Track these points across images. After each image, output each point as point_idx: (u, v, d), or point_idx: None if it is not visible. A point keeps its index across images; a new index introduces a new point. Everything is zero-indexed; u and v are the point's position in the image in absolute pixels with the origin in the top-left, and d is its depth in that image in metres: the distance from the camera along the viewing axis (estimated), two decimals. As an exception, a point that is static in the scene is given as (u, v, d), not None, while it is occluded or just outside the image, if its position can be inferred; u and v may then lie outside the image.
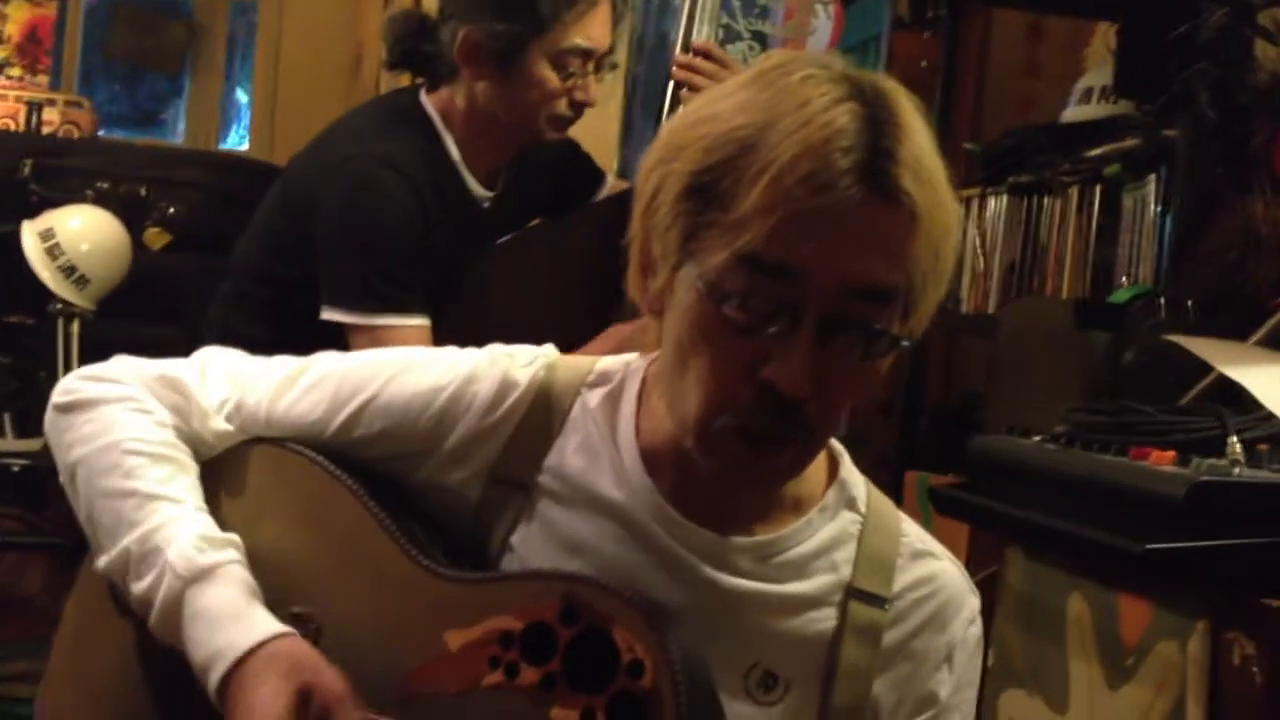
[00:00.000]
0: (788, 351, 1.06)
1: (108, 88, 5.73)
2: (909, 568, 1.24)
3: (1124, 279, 2.42)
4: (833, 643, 1.20)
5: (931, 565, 1.25)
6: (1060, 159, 2.68)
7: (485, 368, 1.24)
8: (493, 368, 1.24)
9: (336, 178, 2.23)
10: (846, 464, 1.26)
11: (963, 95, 3.44)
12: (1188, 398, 1.83)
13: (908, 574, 1.23)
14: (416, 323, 2.21)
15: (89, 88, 5.31)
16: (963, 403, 3.10)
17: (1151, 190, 2.38)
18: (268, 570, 1.20)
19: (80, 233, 3.82)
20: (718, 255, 1.07)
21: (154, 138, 5.65)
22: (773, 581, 1.19)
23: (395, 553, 1.18)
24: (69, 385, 1.30)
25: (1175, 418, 1.67)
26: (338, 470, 1.23)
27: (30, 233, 3.79)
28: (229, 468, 1.28)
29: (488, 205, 2.37)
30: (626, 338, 2.06)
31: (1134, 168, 2.44)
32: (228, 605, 1.16)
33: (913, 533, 1.26)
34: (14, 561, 3.60)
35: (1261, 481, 1.52)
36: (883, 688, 1.21)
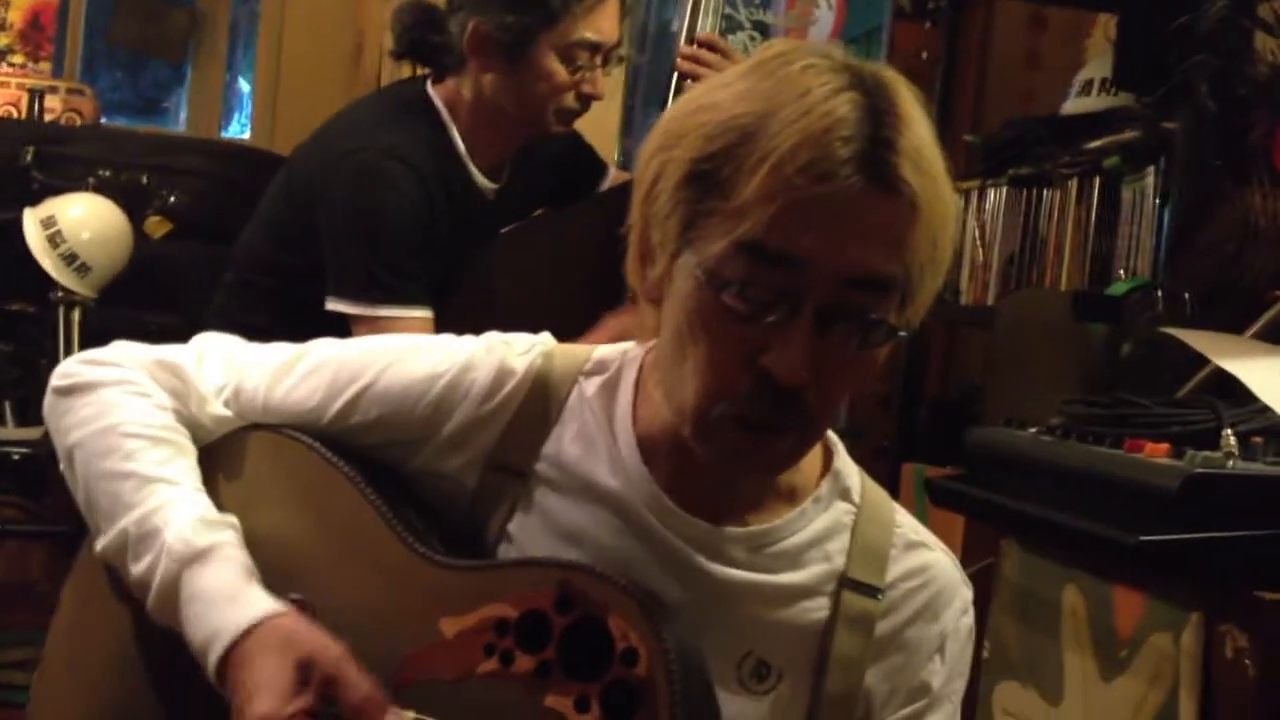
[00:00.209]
0: (786, 340, 1.06)
1: (110, 75, 5.72)
2: (902, 558, 1.24)
3: (1121, 271, 2.42)
4: (825, 632, 1.20)
5: (925, 556, 1.25)
6: (1060, 151, 2.68)
7: (482, 355, 1.24)
8: (489, 355, 1.24)
9: (342, 169, 2.24)
10: (841, 454, 1.26)
11: (964, 86, 3.44)
12: (1184, 390, 1.83)
13: (901, 564, 1.23)
14: (421, 314, 2.22)
15: (91, 75, 5.29)
16: (962, 395, 3.10)
17: (1151, 182, 2.38)
18: (264, 556, 1.20)
19: (82, 220, 3.81)
20: (717, 243, 1.07)
21: (156, 125, 5.64)
22: (766, 571, 1.19)
23: (392, 540, 1.18)
24: (68, 369, 1.30)
25: (1171, 410, 1.67)
26: (335, 457, 1.23)
27: (32, 220, 3.78)
28: (226, 454, 1.28)
29: (492, 197, 2.37)
30: (624, 327, 2.07)
31: (1133, 160, 2.44)
32: (225, 585, 1.16)
33: (906, 523, 1.26)
34: (15, 550, 3.60)
35: (1255, 474, 1.52)
36: (875, 677, 1.21)
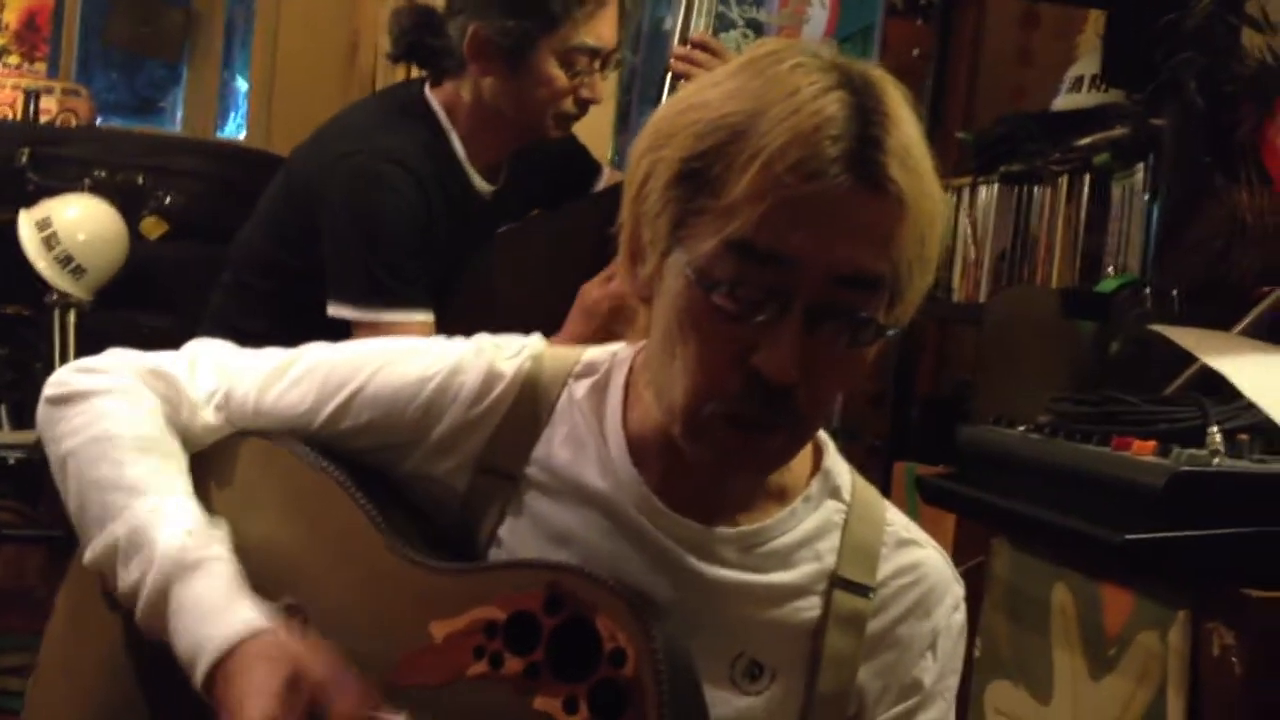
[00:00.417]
0: (776, 339, 1.06)
1: (105, 75, 5.71)
2: (893, 556, 1.24)
3: (1110, 268, 2.43)
4: (817, 631, 1.20)
5: (916, 553, 1.25)
6: (1050, 148, 2.68)
7: (471, 359, 1.25)
8: (478, 359, 1.24)
9: (341, 173, 2.24)
10: (831, 453, 1.26)
11: (956, 83, 3.44)
12: (1172, 387, 1.83)
13: (892, 562, 1.24)
14: (422, 318, 2.22)
15: (87, 75, 5.29)
16: (953, 393, 3.10)
17: (1141, 179, 2.38)
18: (256, 562, 1.20)
19: (77, 222, 3.81)
20: (707, 242, 1.07)
21: (152, 125, 5.63)
22: (757, 571, 1.20)
23: (382, 544, 1.18)
24: (61, 378, 1.30)
25: (1158, 408, 1.68)
26: (325, 462, 1.23)
27: (27, 222, 3.78)
28: (217, 461, 1.29)
29: (489, 199, 2.38)
30: (594, 301, 2.08)
31: (1123, 156, 2.45)
32: (213, 597, 1.16)
33: (897, 521, 1.26)
34: (11, 554, 3.59)
35: (1241, 471, 1.53)
36: (867, 675, 1.22)
